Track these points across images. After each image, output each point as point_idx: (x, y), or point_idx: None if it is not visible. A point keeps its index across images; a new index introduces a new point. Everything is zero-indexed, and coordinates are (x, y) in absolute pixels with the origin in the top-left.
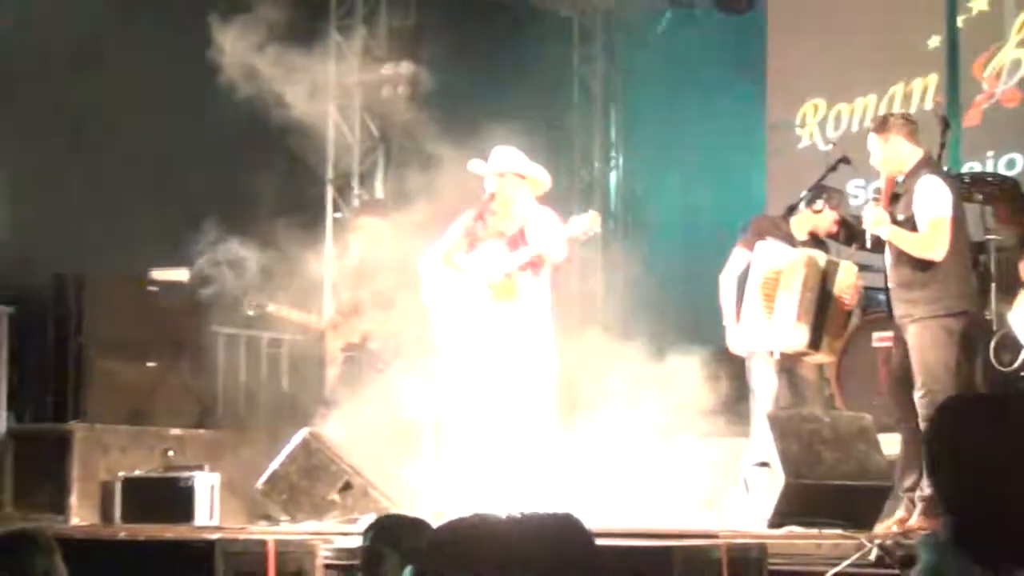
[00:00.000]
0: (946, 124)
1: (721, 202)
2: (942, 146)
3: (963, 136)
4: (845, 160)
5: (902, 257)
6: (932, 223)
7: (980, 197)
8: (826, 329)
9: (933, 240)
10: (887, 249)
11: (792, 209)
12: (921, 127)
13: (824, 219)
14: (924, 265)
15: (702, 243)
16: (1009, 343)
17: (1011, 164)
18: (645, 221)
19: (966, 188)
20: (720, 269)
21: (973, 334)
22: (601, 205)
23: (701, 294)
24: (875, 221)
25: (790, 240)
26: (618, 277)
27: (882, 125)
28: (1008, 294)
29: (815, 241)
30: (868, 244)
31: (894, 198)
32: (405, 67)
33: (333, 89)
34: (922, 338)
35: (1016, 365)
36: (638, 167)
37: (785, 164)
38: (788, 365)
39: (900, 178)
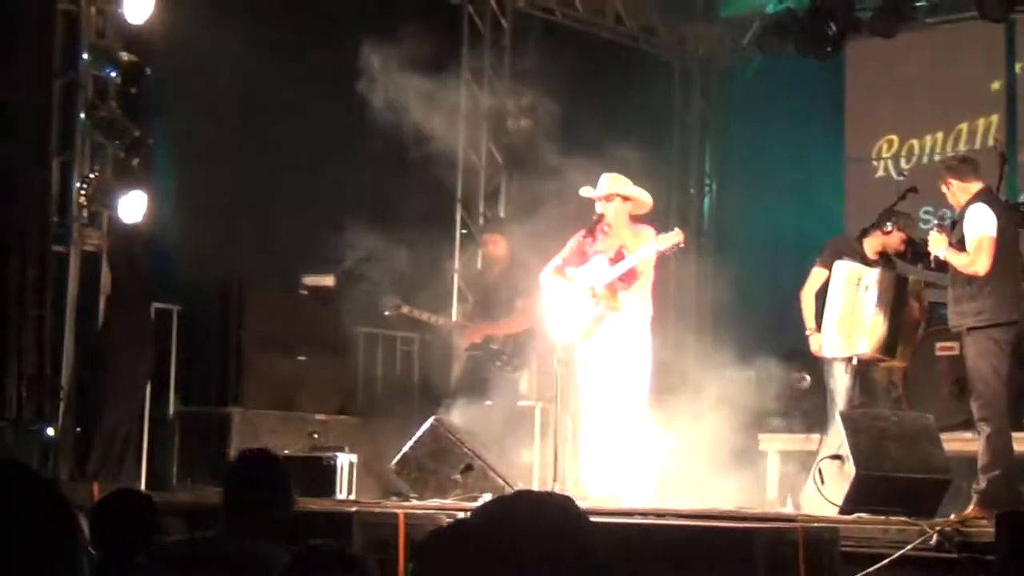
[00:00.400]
0: (1004, 159)
1: (803, 225)
2: (1000, 178)
3: (1020, 171)
4: (914, 190)
5: (956, 275)
6: (975, 242)
7: None
8: (900, 338)
9: (976, 257)
10: (949, 268)
11: (865, 232)
12: (982, 162)
13: (893, 239)
14: (972, 281)
15: (785, 262)
16: None
17: None
18: (734, 242)
19: (1020, 215)
20: (800, 285)
21: (1013, 343)
22: (695, 227)
23: (784, 307)
24: (935, 243)
25: (863, 259)
26: (709, 291)
27: (950, 168)
28: None
29: (885, 259)
30: (933, 264)
31: (953, 224)
32: (526, 101)
33: (463, 119)
34: (972, 347)
35: None
36: (729, 193)
37: (861, 192)
38: (861, 369)
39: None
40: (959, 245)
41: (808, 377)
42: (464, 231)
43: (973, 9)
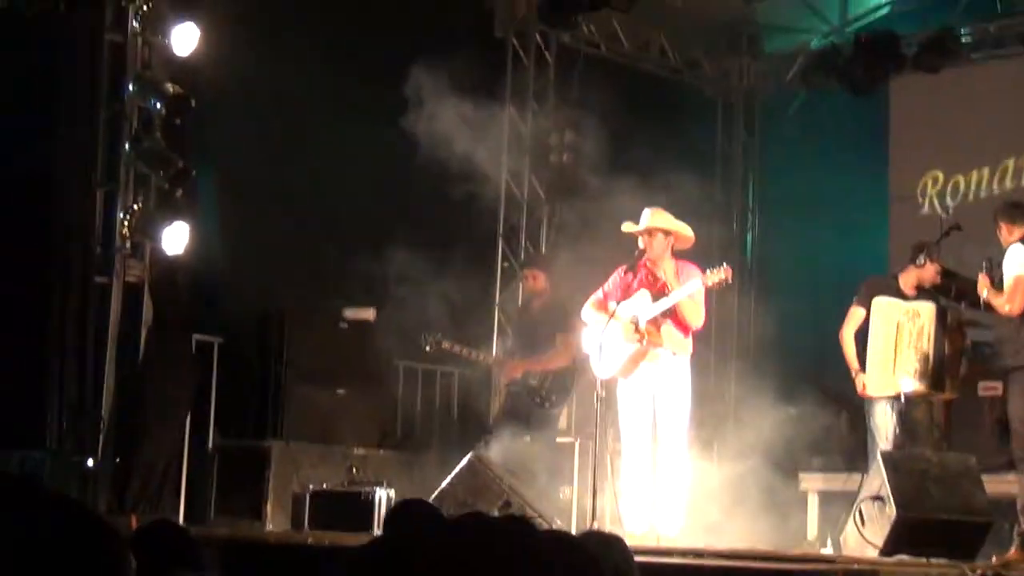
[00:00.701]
0: None
1: (846, 262)
2: None
3: None
4: (957, 227)
5: (998, 316)
6: (1011, 282)
7: None
8: (946, 370)
9: (1011, 296)
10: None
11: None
12: None
13: (927, 272)
14: (1013, 321)
15: (828, 299)
16: None
17: None
18: (777, 278)
19: None
20: (842, 323)
21: None
22: (738, 261)
23: (825, 344)
24: (980, 285)
25: (900, 295)
26: (751, 327)
27: (1002, 212)
28: None
29: (922, 293)
30: (981, 305)
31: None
32: (569, 136)
33: (506, 152)
34: (1014, 387)
35: None
36: (772, 229)
37: (906, 229)
38: (903, 408)
39: None
40: (999, 285)
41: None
42: (506, 264)
43: (1018, 44)
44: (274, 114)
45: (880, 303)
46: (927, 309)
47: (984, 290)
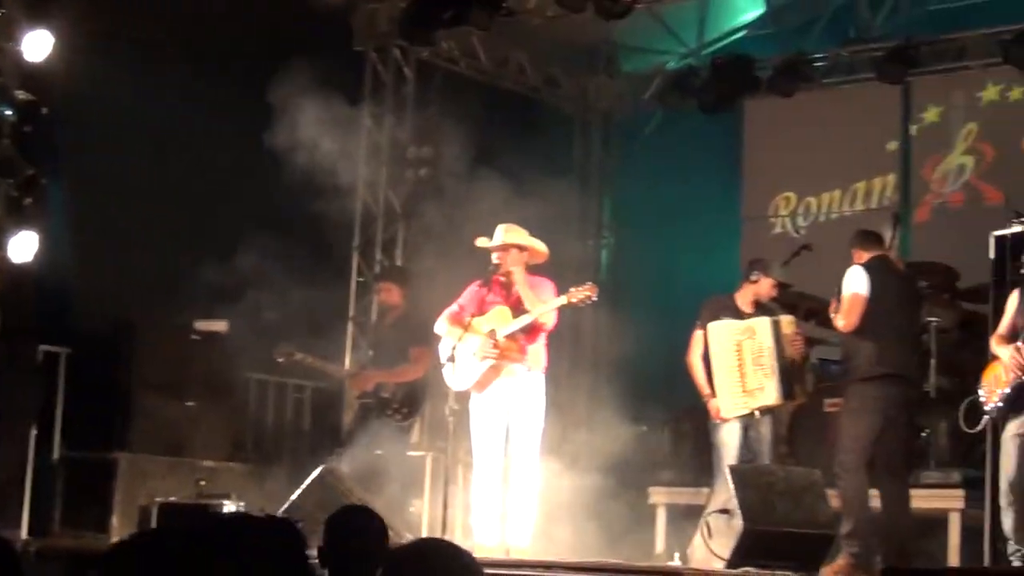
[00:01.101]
0: (897, 220)
1: (699, 281)
2: (893, 238)
3: (913, 231)
4: (808, 247)
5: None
6: (844, 300)
7: (925, 284)
8: (793, 378)
9: (843, 314)
10: None
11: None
12: (877, 221)
13: (763, 287)
14: (850, 338)
15: (681, 317)
16: (975, 410)
17: (972, 254)
18: (630, 295)
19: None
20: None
21: (888, 398)
22: (593, 278)
23: (677, 362)
24: (832, 307)
25: (738, 313)
26: (604, 344)
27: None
28: (947, 370)
29: (760, 308)
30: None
31: None
32: (426, 151)
33: (363, 167)
34: (843, 402)
35: (979, 428)
36: (626, 247)
37: (757, 249)
38: (747, 423)
39: None
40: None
41: None
42: (360, 278)
43: (871, 70)
44: (129, 122)
45: (714, 328)
46: (762, 324)
47: (832, 312)
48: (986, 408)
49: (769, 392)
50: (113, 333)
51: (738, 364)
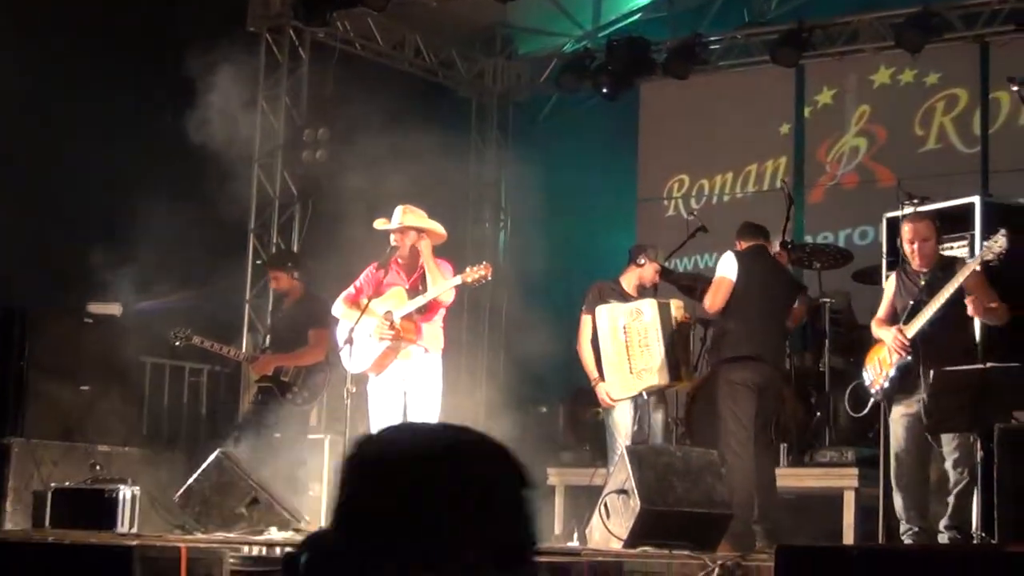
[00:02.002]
0: (791, 200)
1: (595, 262)
2: (787, 219)
3: (807, 211)
4: (703, 229)
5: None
6: (713, 283)
7: (818, 265)
8: (680, 359)
9: (709, 295)
10: None
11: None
12: (770, 202)
13: (647, 271)
14: (716, 323)
15: (577, 298)
16: (860, 393)
17: (864, 235)
18: (528, 277)
19: (806, 256)
20: None
21: (751, 377)
22: (491, 259)
23: (574, 343)
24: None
25: (624, 296)
26: (502, 325)
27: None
28: (841, 351)
29: (644, 292)
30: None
31: None
32: (323, 133)
33: (258, 150)
34: (716, 387)
35: (865, 412)
36: (524, 229)
37: (652, 231)
38: (639, 404)
39: None
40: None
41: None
42: (258, 261)
43: (765, 54)
44: (15, 103)
45: (602, 311)
46: (648, 306)
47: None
48: (872, 391)
49: (655, 373)
50: (4, 319)
51: (625, 346)
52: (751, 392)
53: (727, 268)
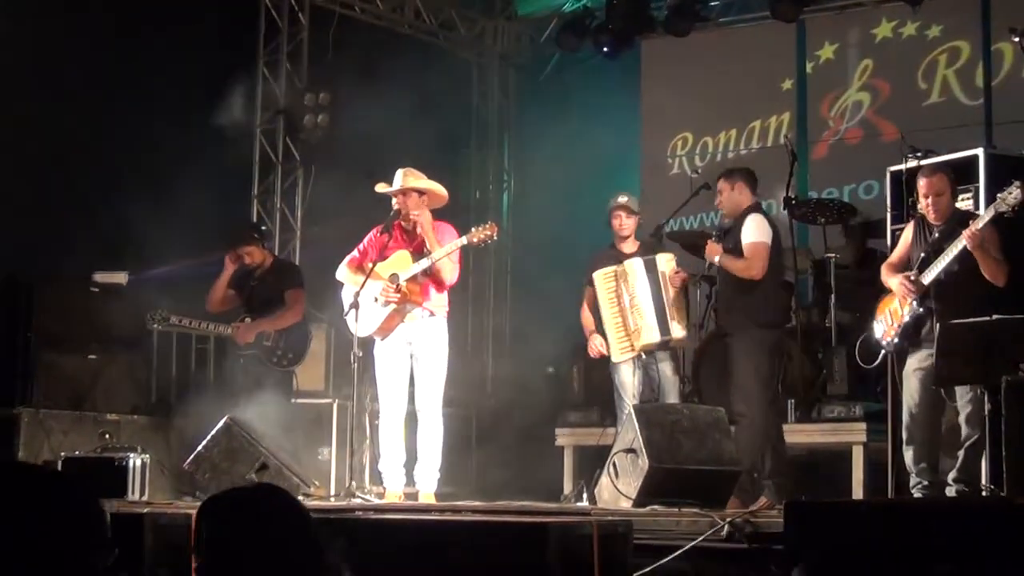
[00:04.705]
0: (794, 156)
1: (599, 223)
2: (791, 175)
3: (811, 167)
4: (706, 186)
5: (728, 279)
6: (754, 247)
7: (823, 220)
8: (669, 315)
9: (753, 262)
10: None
11: (659, 230)
12: (774, 159)
13: (616, 224)
14: (744, 284)
15: (582, 258)
16: (870, 346)
17: (869, 190)
18: (532, 238)
19: (811, 212)
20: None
21: (781, 342)
22: (495, 220)
23: (578, 303)
24: (711, 252)
25: (622, 258)
26: (507, 287)
27: (730, 174)
28: (847, 306)
29: (643, 248)
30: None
31: (726, 233)
32: (324, 98)
33: (260, 115)
34: (738, 346)
35: (875, 364)
36: (527, 190)
37: (657, 189)
38: (646, 363)
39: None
40: (735, 251)
41: None
42: (263, 228)
43: (765, 9)
44: (15, 76)
45: (596, 277)
46: (634, 264)
47: (716, 255)
48: (883, 343)
49: (647, 332)
50: (10, 288)
51: (619, 308)
52: (779, 359)
53: (764, 232)
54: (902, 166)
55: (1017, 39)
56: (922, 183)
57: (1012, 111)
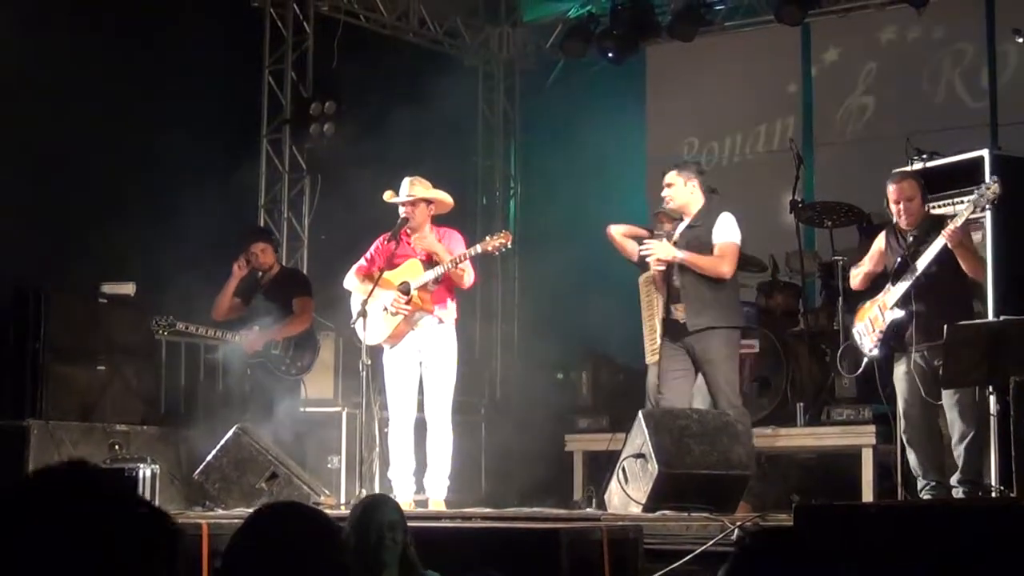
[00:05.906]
0: (800, 160)
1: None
2: (797, 179)
3: (816, 171)
4: (714, 191)
5: (697, 278)
6: (727, 247)
7: (829, 223)
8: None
9: (725, 261)
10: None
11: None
12: (780, 162)
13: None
14: (714, 284)
15: (590, 264)
16: (851, 353)
17: None
18: (540, 245)
19: (817, 215)
20: (603, 286)
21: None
22: (501, 228)
23: (588, 309)
24: (663, 250)
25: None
26: (514, 294)
27: (683, 167)
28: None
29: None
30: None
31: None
32: (329, 106)
33: (266, 125)
34: (716, 347)
35: (858, 373)
36: (534, 196)
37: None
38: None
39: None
40: (701, 250)
41: None
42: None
43: (770, 13)
44: (23, 86)
45: (640, 280)
46: (645, 278)
47: (669, 253)
48: (867, 351)
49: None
50: (19, 300)
51: (650, 313)
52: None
53: (737, 233)
54: (907, 169)
55: (1021, 40)
56: (891, 189)
57: (1017, 112)
